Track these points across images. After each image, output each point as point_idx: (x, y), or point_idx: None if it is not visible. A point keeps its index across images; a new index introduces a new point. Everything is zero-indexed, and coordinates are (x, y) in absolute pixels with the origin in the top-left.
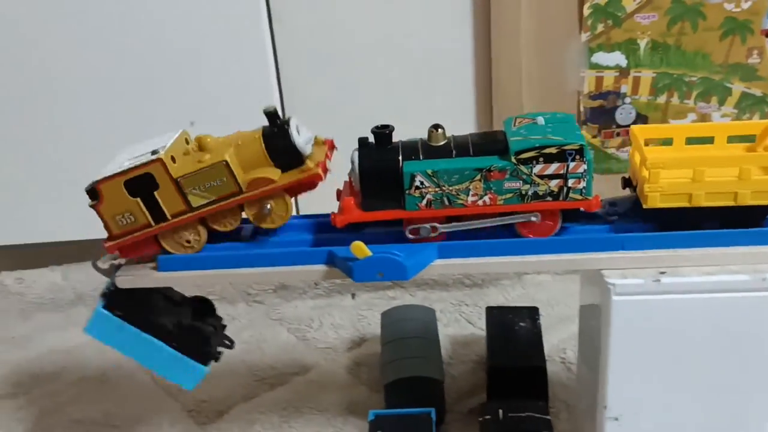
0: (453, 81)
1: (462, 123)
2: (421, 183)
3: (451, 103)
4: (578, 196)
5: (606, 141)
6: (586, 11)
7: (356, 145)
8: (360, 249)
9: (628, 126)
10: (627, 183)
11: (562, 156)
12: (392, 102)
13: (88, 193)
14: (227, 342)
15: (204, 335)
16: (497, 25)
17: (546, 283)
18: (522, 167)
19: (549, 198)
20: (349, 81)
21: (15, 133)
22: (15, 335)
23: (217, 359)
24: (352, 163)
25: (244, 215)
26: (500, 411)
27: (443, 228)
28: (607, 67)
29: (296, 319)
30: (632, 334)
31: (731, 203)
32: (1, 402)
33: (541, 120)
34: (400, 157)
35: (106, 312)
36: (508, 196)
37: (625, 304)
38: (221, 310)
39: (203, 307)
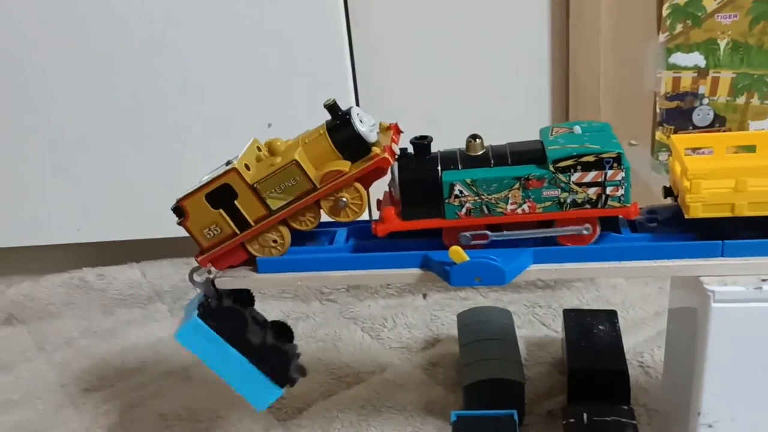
0: (530, 82)
1: (537, 124)
2: (461, 192)
3: (527, 104)
4: (617, 204)
5: None
6: (665, 11)
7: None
8: (458, 254)
9: (705, 128)
10: (668, 192)
11: (599, 164)
12: (468, 104)
13: (174, 212)
14: (302, 369)
15: (287, 357)
16: (576, 25)
17: (620, 286)
18: (560, 175)
19: (587, 206)
20: (424, 83)
21: (95, 133)
22: (98, 330)
23: (292, 384)
24: (392, 173)
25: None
26: (585, 415)
27: (492, 236)
28: (685, 68)
29: (370, 318)
30: (731, 341)
31: None
32: (87, 394)
33: (578, 129)
34: (439, 167)
35: (200, 322)
36: (547, 204)
37: (724, 312)
38: (295, 308)
39: (283, 330)
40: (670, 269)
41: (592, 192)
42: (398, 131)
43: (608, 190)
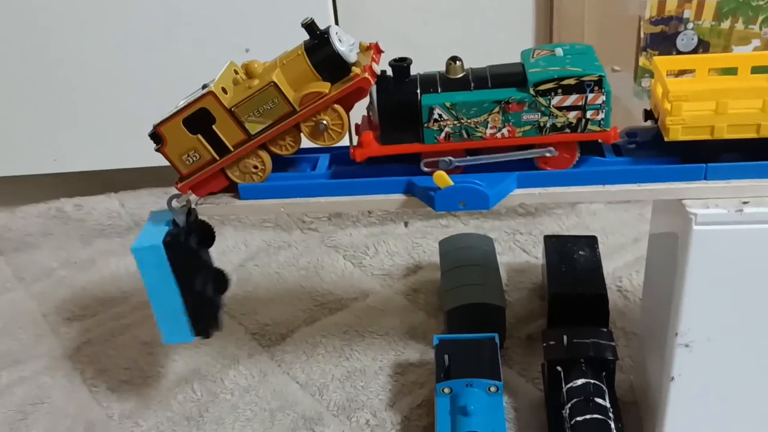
0: (513, 3)
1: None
2: (440, 116)
3: (510, 26)
4: (597, 128)
5: None
6: None
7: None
8: (442, 179)
9: (689, 52)
10: (648, 115)
11: (580, 87)
12: (449, 24)
13: (151, 138)
14: (218, 323)
15: (214, 311)
16: None
17: (600, 212)
18: (540, 99)
19: (567, 130)
20: (405, 3)
21: (70, 63)
22: (77, 260)
23: (206, 337)
24: (371, 96)
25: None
26: (564, 337)
27: (459, 162)
28: None
29: (351, 246)
30: (711, 263)
31: (754, 135)
32: (69, 323)
33: (559, 51)
34: (419, 90)
35: (162, 250)
36: (527, 128)
37: (706, 234)
38: (276, 237)
39: (221, 280)
40: (653, 192)
41: (572, 116)
42: (379, 51)
43: (588, 113)
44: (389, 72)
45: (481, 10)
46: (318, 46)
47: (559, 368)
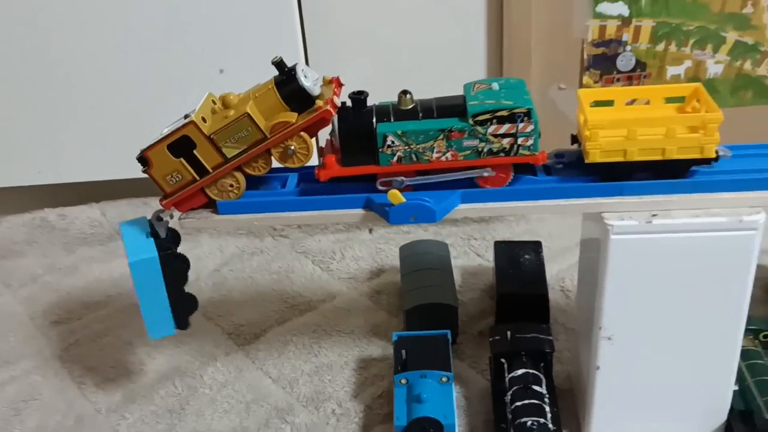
0: (468, 31)
1: (474, 71)
2: (392, 142)
3: (465, 52)
4: (527, 152)
5: (607, 86)
6: None
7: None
8: (395, 196)
9: (628, 72)
10: (574, 139)
11: (512, 118)
12: (409, 52)
13: (139, 161)
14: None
15: (194, 306)
16: None
17: (548, 219)
18: (478, 128)
19: (502, 154)
20: (370, 30)
21: (57, 78)
22: (61, 266)
23: (185, 329)
24: (333, 124)
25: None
26: (508, 332)
27: (410, 181)
28: (611, 17)
29: (320, 252)
30: (626, 267)
31: (660, 157)
32: (56, 326)
33: (495, 85)
34: (374, 120)
35: (158, 262)
36: (467, 152)
37: (621, 242)
38: (250, 243)
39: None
40: (577, 207)
41: (506, 142)
42: (339, 84)
43: (519, 140)
44: (349, 103)
45: (438, 35)
46: (286, 81)
47: (503, 360)
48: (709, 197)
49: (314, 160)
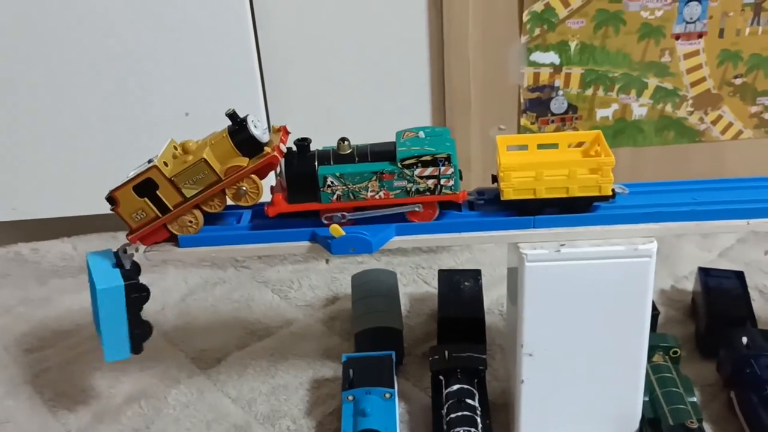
0: (412, 80)
1: (420, 115)
2: (332, 182)
3: (411, 99)
4: (449, 191)
5: (542, 127)
6: (525, 17)
7: (326, 135)
8: (336, 230)
9: (561, 114)
10: (494, 179)
11: (435, 162)
12: (360, 100)
13: (107, 200)
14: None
15: (149, 331)
16: (448, 32)
17: (490, 249)
18: (406, 170)
19: (427, 193)
20: (321, 80)
21: (30, 119)
22: (34, 298)
23: (138, 353)
24: (280, 166)
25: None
26: (446, 352)
27: (350, 216)
28: (543, 65)
29: (279, 281)
30: (540, 290)
31: (564, 195)
32: (29, 354)
33: (422, 134)
34: (316, 163)
35: (123, 290)
36: (397, 191)
37: (534, 269)
38: (213, 274)
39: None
40: (496, 238)
41: (430, 183)
42: (286, 132)
43: (442, 181)
44: (294, 148)
45: (385, 85)
46: (238, 131)
47: (441, 377)
48: (610, 229)
49: (267, 196)
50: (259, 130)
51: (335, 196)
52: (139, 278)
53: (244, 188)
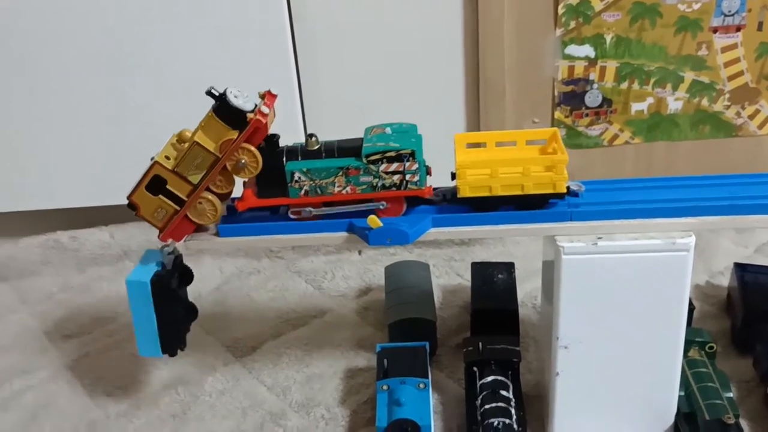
0: (447, 73)
1: (453, 109)
2: (299, 178)
3: (445, 92)
4: (414, 187)
5: (576, 120)
6: (561, 10)
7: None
8: (374, 221)
9: (596, 108)
10: (453, 176)
11: (399, 158)
12: (394, 86)
13: (129, 207)
14: (183, 344)
15: (181, 336)
16: (483, 25)
17: (523, 242)
18: (371, 166)
19: (393, 188)
20: (356, 69)
21: (68, 109)
22: (74, 285)
23: (172, 355)
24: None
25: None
26: (480, 344)
27: (316, 211)
28: (578, 58)
29: (312, 272)
30: (577, 283)
31: (520, 192)
32: (68, 340)
33: (388, 130)
34: (284, 159)
35: (149, 286)
36: (364, 186)
37: (571, 261)
38: (247, 264)
39: (192, 311)
40: (531, 230)
41: (396, 178)
42: (271, 96)
43: (407, 176)
44: (263, 144)
45: (420, 78)
46: (220, 105)
47: (475, 368)
48: (647, 222)
49: (237, 192)
50: (240, 99)
51: (303, 191)
52: (174, 282)
53: (243, 161)
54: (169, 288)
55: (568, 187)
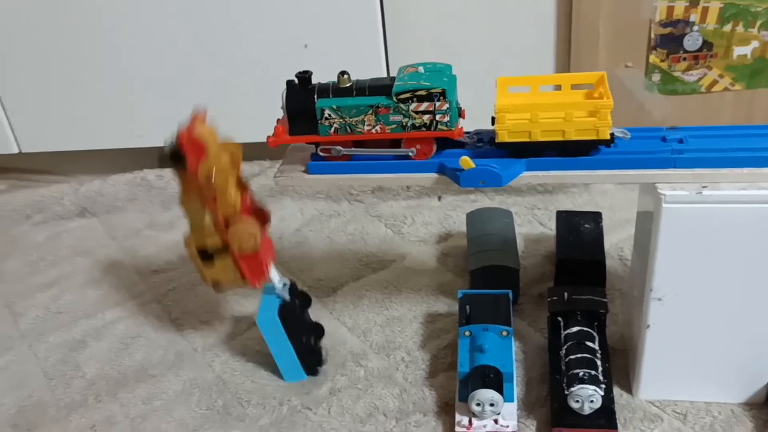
0: (537, 12)
1: (543, 48)
2: (329, 115)
3: (536, 32)
4: (444, 128)
5: (673, 65)
6: None
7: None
8: (466, 162)
9: (695, 52)
10: (493, 120)
11: (429, 97)
12: (483, 29)
13: (214, 289)
14: (322, 361)
15: (318, 356)
16: None
17: (610, 191)
18: (401, 105)
19: (423, 128)
20: (444, 13)
21: (156, 53)
22: (160, 222)
23: (315, 375)
24: (282, 99)
25: None
26: (565, 294)
27: (345, 151)
28: None
29: (392, 216)
30: (677, 233)
31: (561, 138)
32: (156, 275)
33: (421, 69)
34: (315, 96)
35: (278, 320)
36: (393, 126)
37: (673, 211)
38: (328, 207)
39: (319, 330)
40: (630, 177)
41: (426, 118)
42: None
43: (437, 116)
44: (296, 81)
45: (509, 17)
46: (162, 162)
47: (559, 318)
48: (757, 172)
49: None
50: (167, 147)
51: (333, 129)
52: (298, 309)
53: (206, 174)
54: (295, 315)
55: (612, 134)
